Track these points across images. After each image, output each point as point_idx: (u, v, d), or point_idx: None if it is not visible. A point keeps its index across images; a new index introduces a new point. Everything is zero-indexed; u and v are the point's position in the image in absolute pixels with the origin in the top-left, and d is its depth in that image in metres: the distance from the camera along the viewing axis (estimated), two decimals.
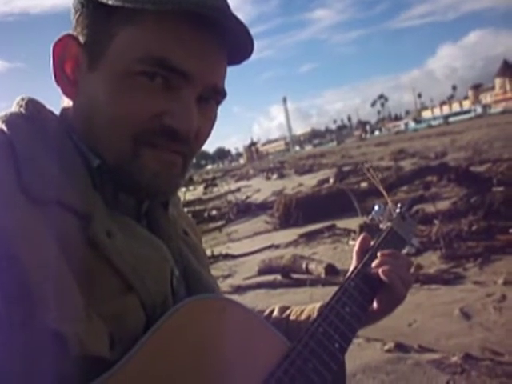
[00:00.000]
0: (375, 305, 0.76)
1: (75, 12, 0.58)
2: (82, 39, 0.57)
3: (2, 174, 0.49)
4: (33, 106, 0.58)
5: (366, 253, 0.79)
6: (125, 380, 0.48)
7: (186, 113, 0.56)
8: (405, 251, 0.91)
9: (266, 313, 0.84)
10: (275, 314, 0.83)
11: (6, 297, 0.44)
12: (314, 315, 0.75)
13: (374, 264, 0.76)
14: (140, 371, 0.49)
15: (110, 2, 0.54)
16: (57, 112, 0.61)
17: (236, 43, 0.58)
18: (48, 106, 0.60)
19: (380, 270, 0.74)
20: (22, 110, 0.57)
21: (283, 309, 0.84)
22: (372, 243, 0.83)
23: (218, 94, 0.61)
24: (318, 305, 0.81)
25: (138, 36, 0.54)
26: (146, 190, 0.58)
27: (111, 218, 0.56)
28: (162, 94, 0.55)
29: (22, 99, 0.58)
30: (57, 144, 0.55)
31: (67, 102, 0.60)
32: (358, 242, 0.82)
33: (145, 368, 0.49)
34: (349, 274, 0.76)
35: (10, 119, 0.55)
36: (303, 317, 0.80)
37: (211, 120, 0.62)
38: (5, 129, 0.53)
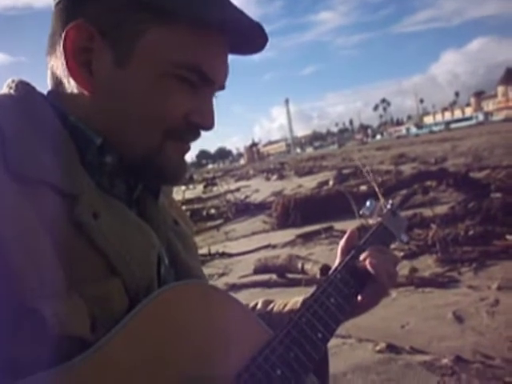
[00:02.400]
0: (360, 298, 0.77)
1: None
2: (98, 27, 0.56)
3: None
4: (22, 88, 0.58)
5: (351, 248, 0.80)
6: (103, 361, 0.48)
7: (208, 111, 0.63)
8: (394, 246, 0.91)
9: (250, 306, 0.84)
10: (259, 306, 0.84)
11: None
12: (298, 307, 0.76)
13: (361, 257, 0.76)
14: (119, 353, 0.49)
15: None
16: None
17: (252, 46, 0.65)
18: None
19: (367, 262, 0.75)
20: (11, 91, 0.57)
21: (267, 302, 0.85)
22: (360, 239, 0.83)
23: (221, 89, 0.67)
24: (301, 298, 0.81)
25: (172, 38, 0.57)
26: (169, 179, 0.65)
27: (101, 199, 0.56)
28: (190, 94, 0.60)
29: (13, 81, 0.59)
30: (45, 124, 0.56)
31: (70, 88, 0.59)
32: (344, 238, 0.82)
33: (124, 350, 0.49)
34: (335, 266, 0.77)
35: None
36: (286, 309, 0.80)
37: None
38: None
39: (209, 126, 0.63)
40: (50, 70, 0.61)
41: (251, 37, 0.62)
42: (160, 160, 0.61)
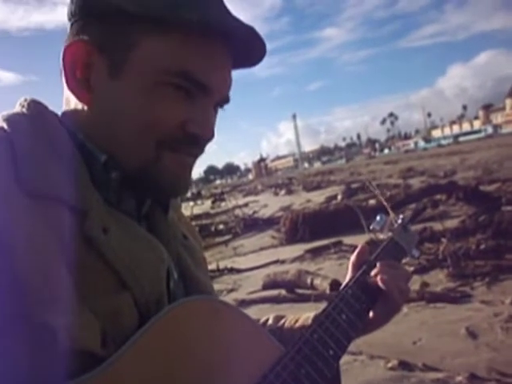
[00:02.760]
0: (372, 314, 0.76)
1: (85, 16, 0.58)
2: (96, 45, 0.57)
3: (0, 168, 0.50)
4: (34, 107, 0.59)
5: (362, 263, 0.79)
6: (114, 377, 0.48)
7: (206, 121, 0.61)
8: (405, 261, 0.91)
9: (261, 322, 0.84)
10: (270, 322, 0.83)
11: None
12: (309, 323, 0.75)
13: (373, 272, 0.76)
14: (130, 369, 0.49)
15: (131, 9, 0.55)
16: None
17: (250, 54, 0.64)
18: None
19: (378, 278, 0.74)
20: (23, 109, 0.59)
21: (278, 318, 0.84)
22: (371, 254, 0.83)
23: (226, 102, 0.66)
24: (312, 314, 0.80)
25: (163, 47, 0.56)
26: (167, 191, 0.63)
27: (110, 215, 0.57)
28: (185, 103, 0.59)
29: (25, 100, 0.60)
30: (56, 142, 0.57)
31: (75, 104, 0.61)
32: (355, 253, 0.82)
33: (135, 366, 0.49)
34: (346, 281, 0.76)
35: (12, 118, 0.56)
36: (297, 325, 0.79)
37: (215, 122, 0.66)
38: (5, 126, 0.54)
39: (207, 136, 0.61)
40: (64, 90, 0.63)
41: (248, 42, 0.60)
42: (156, 172, 0.59)
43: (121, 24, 0.56)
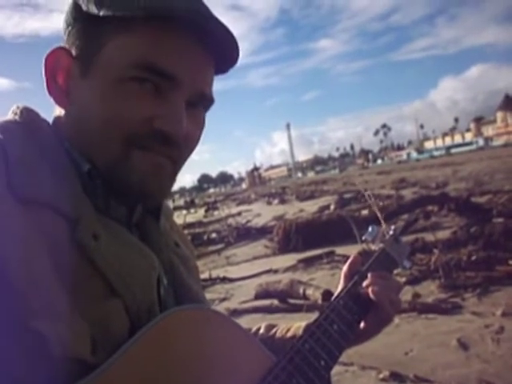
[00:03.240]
0: (363, 325, 0.76)
1: (67, 26, 0.61)
2: (73, 51, 0.59)
3: None
4: (27, 114, 0.60)
5: (354, 274, 0.79)
6: None
7: (175, 116, 0.57)
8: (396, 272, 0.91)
9: (253, 331, 0.84)
10: (261, 331, 0.83)
11: None
12: (300, 333, 0.75)
13: (364, 283, 0.76)
14: (121, 378, 0.49)
15: (100, 14, 0.56)
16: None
17: (222, 51, 0.60)
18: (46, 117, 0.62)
19: (370, 290, 0.74)
20: (16, 117, 0.59)
21: (269, 327, 0.84)
22: (363, 265, 0.83)
23: (206, 100, 0.63)
24: (304, 323, 0.81)
25: (127, 43, 0.56)
26: (136, 192, 0.59)
27: (101, 222, 0.57)
28: (152, 98, 0.57)
29: (17, 107, 0.60)
30: (48, 150, 0.57)
31: (59, 111, 0.62)
32: (347, 264, 0.82)
33: (126, 375, 0.49)
34: (338, 292, 0.77)
35: (4, 125, 0.57)
36: (289, 335, 0.80)
37: (200, 125, 0.64)
38: None
39: (174, 132, 0.57)
40: None
41: (218, 34, 0.57)
42: (125, 171, 0.57)
43: (92, 28, 0.58)
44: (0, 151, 0.52)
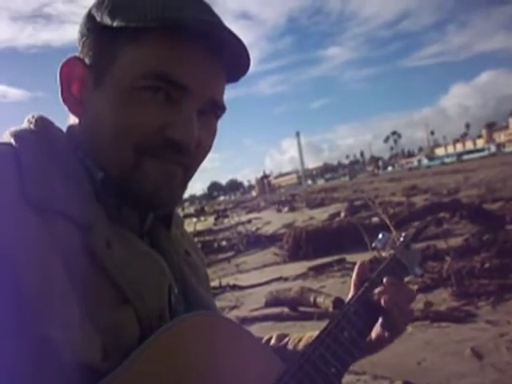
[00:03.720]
0: (374, 334, 0.75)
1: (81, 37, 0.62)
2: (87, 61, 0.60)
3: (6, 183, 0.51)
4: (42, 123, 0.61)
5: (364, 281, 0.79)
6: None
7: (187, 125, 0.58)
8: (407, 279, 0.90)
9: (264, 340, 0.83)
10: (273, 341, 0.82)
11: (1, 301, 0.45)
12: None
13: (376, 291, 0.75)
14: (131, 383, 0.49)
15: (114, 24, 0.57)
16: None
17: (234, 60, 0.61)
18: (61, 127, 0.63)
19: (381, 298, 0.73)
20: (31, 126, 0.60)
21: (281, 337, 0.83)
22: (372, 271, 0.82)
23: (218, 108, 0.63)
24: (316, 333, 0.80)
25: (140, 53, 0.57)
26: (148, 200, 0.60)
27: (113, 230, 0.57)
28: (165, 107, 0.58)
29: (33, 116, 0.61)
30: (62, 158, 0.58)
31: (73, 120, 0.63)
32: (355, 271, 0.81)
33: (136, 380, 0.49)
34: (349, 299, 0.76)
35: (19, 133, 0.58)
36: (301, 344, 0.79)
37: (211, 133, 0.64)
38: (13, 142, 0.56)
39: (186, 141, 0.57)
40: None
41: (229, 45, 0.58)
42: (136, 179, 0.58)
43: (106, 39, 0.59)
44: (14, 159, 0.53)
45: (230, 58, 0.60)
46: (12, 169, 0.52)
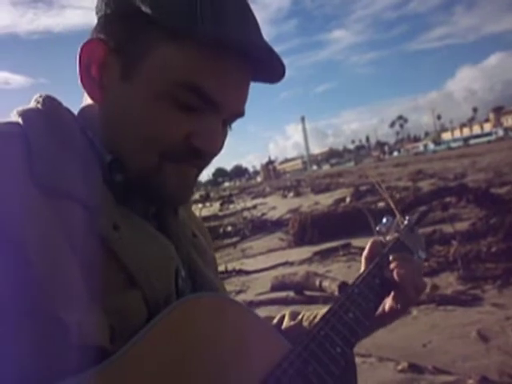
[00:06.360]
0: (385, 308, 0.76)
1: (105, 8, 0.58)
2: (112, 44, 0.57)
3: (14, 164, 0.50)
4: (49, 103, 0.59)
5: (375, 257, 0.79)
6: (120, 371, 0.48)
7: (213, 136, 0.59)
8: None
9: (277, 318, 0.83)
10: (286, 319, 0.82)
11: (12, 283, 0.45)
12: None
13: (391, 266, 0.76)
14: (138, 362, 0.49)
15: (150, 14, 0.53)
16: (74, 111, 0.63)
17: (268, 76, 0.62)
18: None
19: (395, 273, 0.75)
20: (38, 105, 0.59)
21: (294, 314, 0.83)
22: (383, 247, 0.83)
23: (240, 117, 0.64)
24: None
25: (175, 57, 0.55)
26: (168, 200, 0.63)
27: (120, 213, 0.57)
28: (191, 115, 0.57)
29: (40, 96, 0.60)
30: (70, 139, 0.57)
31: (88, 101, 0.61)
32: (367, 247, 0.83)
33: (143, 359, 0.49)
34: (354, 280, 0.76)
35: (27, 113, 0.57)
36: (316, 321, 0.79)
37: (226, 134, 0.65)
38: (21, 122, 0.55)
39: (210, 150, 0.59)
40: None
41: (266, 63, 0.58)
42: (158, 181, 0.59)
43: (139, 27, 0.56)
44: (23, 140, 0.52)
45: (265, 74, 0.62)
46: (20, 149, 0.51)
